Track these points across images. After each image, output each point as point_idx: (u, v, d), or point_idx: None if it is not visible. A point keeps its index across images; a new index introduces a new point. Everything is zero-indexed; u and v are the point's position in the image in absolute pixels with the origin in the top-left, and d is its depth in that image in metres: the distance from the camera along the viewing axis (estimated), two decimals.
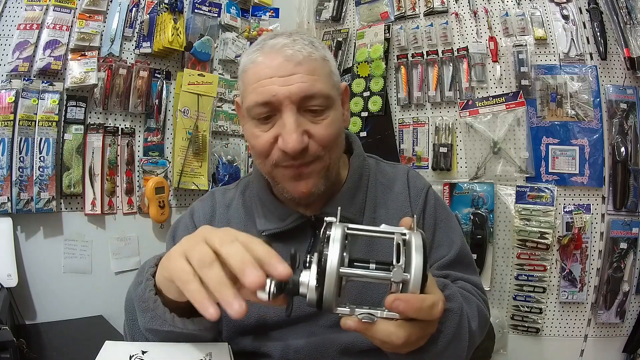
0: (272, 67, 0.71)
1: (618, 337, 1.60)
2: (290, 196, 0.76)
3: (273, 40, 0.73)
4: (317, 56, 0.73)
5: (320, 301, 0.47)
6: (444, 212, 0.87)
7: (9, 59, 1.37)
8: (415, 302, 0.47)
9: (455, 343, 0.62)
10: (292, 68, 0.70)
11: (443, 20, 1.83)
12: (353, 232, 0.49)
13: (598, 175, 1.60)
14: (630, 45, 1.52)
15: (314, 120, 0.72)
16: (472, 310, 0.72)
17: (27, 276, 1.39)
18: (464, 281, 0.80)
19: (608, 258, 1.58)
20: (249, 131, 0.76)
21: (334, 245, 0.47)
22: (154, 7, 1.64)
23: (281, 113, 0.71)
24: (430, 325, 0.53)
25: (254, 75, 0.72)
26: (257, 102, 0.71)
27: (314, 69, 0.72)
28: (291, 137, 0.69)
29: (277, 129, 0.71)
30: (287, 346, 0.75)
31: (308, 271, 0.48)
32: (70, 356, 1.16)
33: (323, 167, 0.75)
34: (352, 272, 0.47)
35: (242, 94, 0.77)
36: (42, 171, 1.40)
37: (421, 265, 0.46)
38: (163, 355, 0.57)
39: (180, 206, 1.74)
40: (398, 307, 0.46)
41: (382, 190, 0.85)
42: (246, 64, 0.75)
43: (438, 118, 1.82)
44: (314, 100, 0.71)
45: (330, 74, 0.76)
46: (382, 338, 0.49)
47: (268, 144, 0.72)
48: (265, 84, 0.70)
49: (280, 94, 0.69)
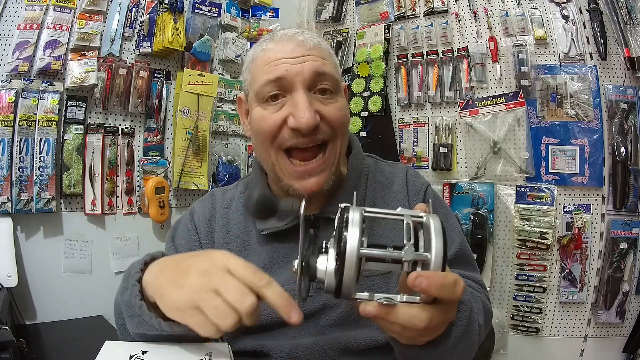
0: (283, 51, 0.73)
1: (618, 337, 1.60)
2: (297, 193, 0.75)
3: (283, 31, 0.77)
4: (326, 47, 0.77)
5: (340, 286, 0.46)
6: (443, 211, 0.87)
7: (9, 59, 1.37)
8: (438, 279, 0.45)
9: (467, 336, 0.60)
10: (304, 51, 0.73)
11: (443, 20, 1.83)
12: (370, 214, 0.49)
13: (598, 175, 1.60)
14: (630, 45, 1.52)
15: (324, 102, 0.74)
16: (477, 304, 0.72)
17: (27, 276, 1.39)
18: (467, 279, 0.79)
19: (608, 258, 1.58)
20: (256, 115, 0.75)
21: (354, 227, 0.46)
22: (154, 7, 1.64)
23: (291, 93, 0.72)
24: (451, 308, 0.51)
25: (265, 60, 0.74)
26: (268, 80, 0.72)
27: (324, 55, 0.75)
28: (305, 113, 0.69)
29: (287, 109, 0.72)
30: (288, 345, 0.74)
31: (325, 256, 0.47)
32: (70, 356, 1.16)
33: (335, 155, 0.75)
34: (373, 253, 0.46)
35: (250, 82, 0.77)
36: (42, 171, 1.40)
37: (442, 246, 0.45)
38: (163, 355, 0.57)
39: (180, 206, 1.74)
40: (421, 283, 0.44)
41: (381, 188, 0.85)
42: (256, 54, 0.77)
43: (438, 118, 1.82)
44: (325, 78, 0.73)
45: (336, 66, 0.79)
46: (404, 322, 0.47)
47: (277, 124, 0.72)
48: (278, 63, 0.72)
49: (292, 70, 0.71)
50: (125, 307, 0.60)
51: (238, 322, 0.49)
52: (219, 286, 0.50)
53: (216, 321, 0.49)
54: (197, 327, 0.51)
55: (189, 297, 0.51)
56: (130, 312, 0.59)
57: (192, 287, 0.51)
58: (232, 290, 0.49)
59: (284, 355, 0.74)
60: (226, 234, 0.83)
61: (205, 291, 0.50)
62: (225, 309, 0.49)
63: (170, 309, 0.54)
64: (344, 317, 0.75)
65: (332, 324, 0.75)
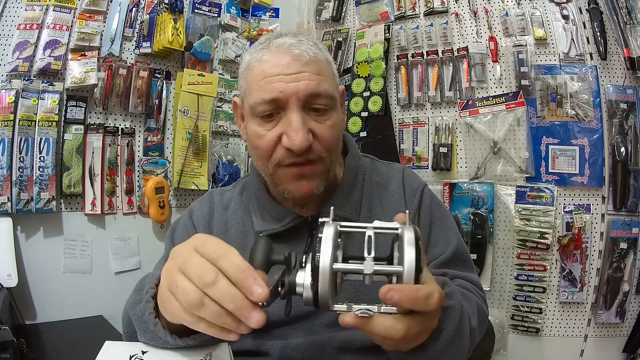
0: (279, 66, 0.71)
1: (618, 337, 1.60)
2: (291, 196, 0.76)
3: (279, 40, 0.74)
4: (322, 57, 0.75)
5: (317, 299, 0.47)
6: (440, 211, 0.87)
7: (9, 59, 1.37)
8: (409, 292, 0.46)
9: (457, 340, 0.61)
10: (300, 67, 0.71)
11: (443, 20, 1.83)
12: (345, 229, 0.50)
13: (598, 175, 1.60)
14: (630, 45, 1.52)
15: (317, 120, 0.73)
16: (471, 307, 0.72)
17: (27, 276, 1.39)
18: (461, 279, 0.79)
19: (608, 258, 1.58)
20: (252, 130, 0.75)
21: (326, 243, 0.47)
22: (154, 7, 1.64)
23: (285, 111, 0.71)
24: (429, 319, 0.52)
25: (260, 73, 0.72)
26: (263, 100, 0.71)
27: (320, 69, 0.73)
28: (297, 135, 0.69)
29: (281, 127, 0.71)
30: (287, 345, 0.75)
31: (303, 271, 0.49)
32: (70, 356, 1.16)
33: (324, 170, 0.75)
34: (345, 268, 0.48)
35: (245, 91, 0.76)
36: (42, 171, 1.40)
37: (413, 257, 0.46)
38: (163, 355, 0.57)
39: (180, 206, 1.74)
40: (392, 297, 0.45)
41: (378, 189, 0.85)
42: (251, 62, 0.75)
43: (438, 118, 1.82)
44: (320, 99, 0.72)
45: (334, 76, 0.77)
46: (381, 332, 0.48)
47: (272, 142, 0.72)
48: (273, 80, 0.70)
49: (287, 90, 0.69)
50: (138, 321, 0.60)
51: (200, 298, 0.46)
52: (181, 264, 0.49)
53: (182, 301, 0.47)
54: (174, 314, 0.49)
55: (164, 282, 0.51)
56: (143, 326, 0.58)
57: (165, 273, 0.51)
58: (192, 264, 0.48)
59: (284, 355, 0.74)
60: (224, 235, 0.83)
61: (173, 270, 0.49)
62: (185, 284, 0.47)
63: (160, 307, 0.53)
64: None
65: (331, 323, 0.75)
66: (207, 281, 0.46)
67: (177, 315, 0.49)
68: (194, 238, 0.51)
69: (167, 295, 0.50)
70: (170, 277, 0.49)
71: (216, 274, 0.46)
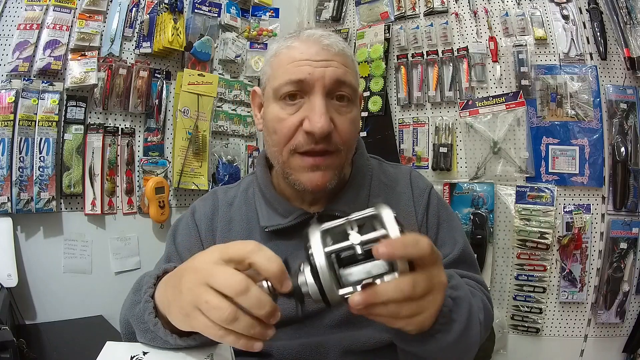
0: (308, 53, 0.73)
1: (618, 337, 1.60)
2: (302, 188, 0.75)
3: (309, 31, 0.76)
4: (349, 53, 0.77)
5: (323, 291, 0.48)
6: (447, 212, 0.88)
7: (9, 59, 1.37)
8: (396, 241, 0.47)
9: (467, 332, 0.60)
10: (329, 56, 0.73)
11: (443, 20, 1.83)
12: (328, 226, 0.52)
13: (598, 175, 1.60)
14: (630, 45, 1.52)
15: (339, 111, 0.74)
16: (477, 302, 0.71)
17: (27, 276, 1.39)
18: (468, 279, 0.80)
19: (608, 258, 1.58)
20: (272, 114, 0.75)
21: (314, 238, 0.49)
22: (154, 7, 1.64)
23: (310, 96, 0.72)
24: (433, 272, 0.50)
25: (289, 58, 0.74)
26: (290, 80, 0.72)
27: (347, 63, 0.75)
28: (321, 119, 0.69)
29: (303, 112, 0.72)
30: (289, 346, 0.74)
31: (303, 274, 0.50)
32: (70, 356, 1.16)
33: (339, 164, 0.76)
34: (336, 247, 0.49)
35: (270, 77, 0.77)
36: (42, 171, 1.39)
37: (392, 216, 0.49)
38: (164, 356, 0.57)
39: (180, 206, 1.74)
40: (384, 251, 0.45)
41: (385, 189, 0.86)
42: (279, 49, 0.77)
43: (438, 118, 1.82)
44: (345, 87, 0.73)
45: (356, 74, 0.79)
46: (393, 294, 0.47)
47: (293, 127, 0.72)
48: (301, 64, 0.72)
49: (315, 73, 0.71)
50: (137, 322, 0.59)
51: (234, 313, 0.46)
52: (207, 278, 0.48)
53: (214, 317, 0.47)
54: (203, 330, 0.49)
55: (186, 298, 0.50)
56: (143, 327, 0.58)
57: (187, 287, 0.50)
58: (220, 276, 0.48)
59: (287, 355, 0.74)
60: (228, 231, 0.83)
61: (197, 286, 0.49)
62: (217, 300, 0.47)
63: (178, 320, 0.53)
64: (346, 317, 0.75)
65: (335, 324, 0.75)
66: (239, 289, 0.46)
67: (207, 331, 0.49)
68: (211, 250, 0.52)
69: (191, 310, 0.49)
70: (195, 293, 0.49)
71: (247, 281, 0.47)
